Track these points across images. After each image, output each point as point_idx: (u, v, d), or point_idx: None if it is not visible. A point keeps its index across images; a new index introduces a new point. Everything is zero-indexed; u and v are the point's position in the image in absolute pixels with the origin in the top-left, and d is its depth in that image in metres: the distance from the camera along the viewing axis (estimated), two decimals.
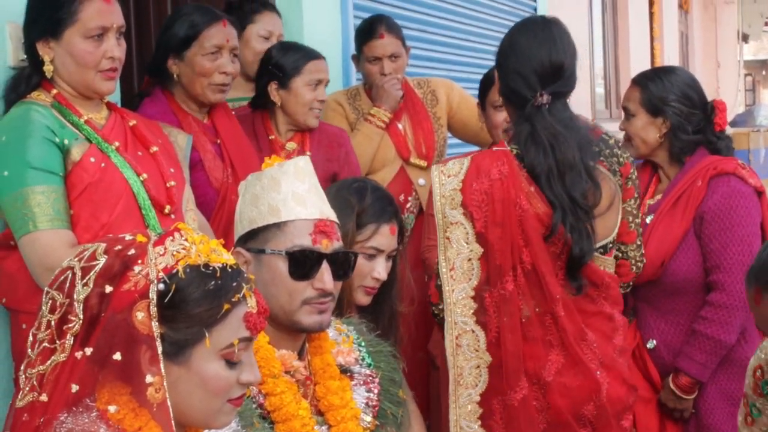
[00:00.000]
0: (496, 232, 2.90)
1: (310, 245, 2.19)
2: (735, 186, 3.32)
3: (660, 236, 3.36)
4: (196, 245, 1.68)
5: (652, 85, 3.44)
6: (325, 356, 2.29)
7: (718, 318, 3.27)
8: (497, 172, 2.92)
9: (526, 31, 3.02)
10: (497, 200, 2.91)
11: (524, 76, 2.95)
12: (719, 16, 18.25)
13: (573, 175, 2.91)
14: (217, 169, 3.38)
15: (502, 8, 6.97)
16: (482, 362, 2.95)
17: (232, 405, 1.73)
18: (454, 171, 2.96)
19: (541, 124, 2.93)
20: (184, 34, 3.39)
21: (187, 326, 1.65)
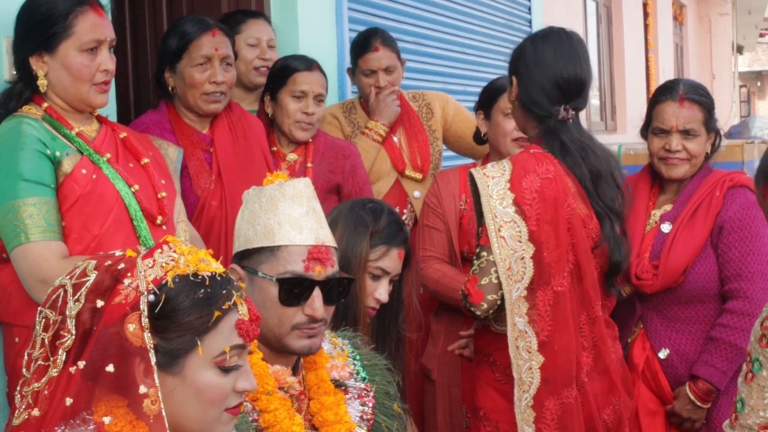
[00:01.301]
0: (547, 230, 2.93)
1: (302, 272, 2.17)
2: (751, 198, 3.33)
3: (682, 245, 3.36)
4: (185, 256, 1.70)
5: (708, 102, 3.44)
6: (319, 371, 2.28)
7: (740, 325, 3.27)
8: (545, 171, 2.95)
9: (552, 44, 3.05)
10: (548, 198, 2.94)
11: (549, 89, 3.00)
12: (714, 28, 18.29)
13: (604, 184, 3.00)
14: (201, 177, 3.38)
15: (498, 21, 6.98)
16: (534, 363, 2.95)
17: (229, 414, 1.73)
18: (497, 173, 2.96)
19: (568, 137, 2.99)
20: (175, 46, 3.41)
21: (179, 335, 1.66)
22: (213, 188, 3.36)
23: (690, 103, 3.41)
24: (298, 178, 2.27)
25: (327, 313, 2.23)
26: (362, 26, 4.66)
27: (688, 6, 16.36)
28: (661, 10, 13.34)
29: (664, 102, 3.45)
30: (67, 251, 2.67)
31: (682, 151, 3.41)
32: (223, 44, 3.43)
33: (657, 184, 3.54)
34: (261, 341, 2.19)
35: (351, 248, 2.72)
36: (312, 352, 2.24)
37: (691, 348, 3.39)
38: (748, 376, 2.11)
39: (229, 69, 3.45)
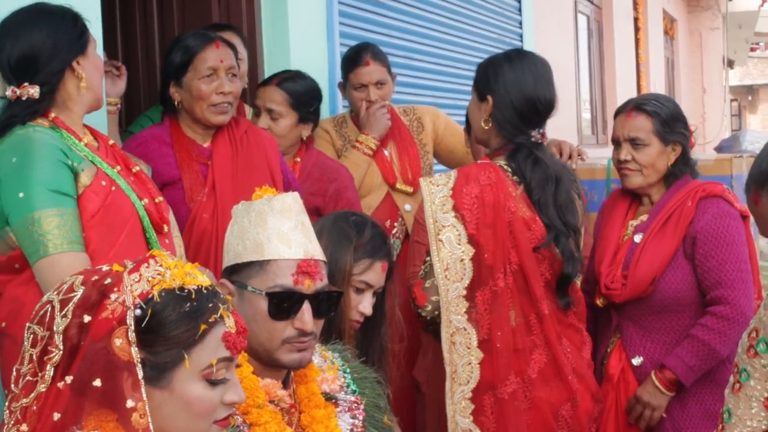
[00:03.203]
0: (487, 233, 3.09)
1: (292, 286, 2.17)
2: (724, 208, 3.36)
3: (651, 255, 3.39)
4: (171, 270, 1.70)
5: (662, 112, 3.44)
6: (309, 385, 2.28)
7: (719, 328, 3.30)
8: (486, 178, 3.13)
9: (530, 68, 3.21)
10: (488, 204, 3.10)
11: (527, 112, 3.17)
12: (704, 43, 18.37)
13: (568, 203, 3.18)
14: (195, 189, 3.38)
15: (489, 36, 7.00)
16: (474, 359, 3.10)
17: (218, 426, 1.74)
18: (442, 181, 3.16)
19: (543, 155, 3.19)
20: (179, 60, 3.41)
21: (166, 349, 1.66)
22: (205, 201, 3.36)
23: (637, 112, 3.47)
24: (286, 193, 2.28)
25: (317, 327, 2.22)
26: (353, 41, 4.67)
27: (678, 20, 16.43)
28: (652, 24, 13.40)
29: (617, 114, 3.57)
30: (91, 263, 2.65)
31: (632, 162, 3.47)
32: (228, 56, 3.44)
33: (638, 197, 3.57)
34: (251, 355, 2.19)
35: (335, 262, 2.71)
36: (302, 365, 2.24)
37: (664, 357, 3.40)
38: (736, 387, 2.12)
39: (234, 80, 3.45)
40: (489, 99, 3.21)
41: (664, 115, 3.43)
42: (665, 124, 3.43)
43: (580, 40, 10.06)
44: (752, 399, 2.08)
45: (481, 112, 3.25)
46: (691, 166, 3.51)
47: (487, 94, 3.22)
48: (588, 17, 10.44)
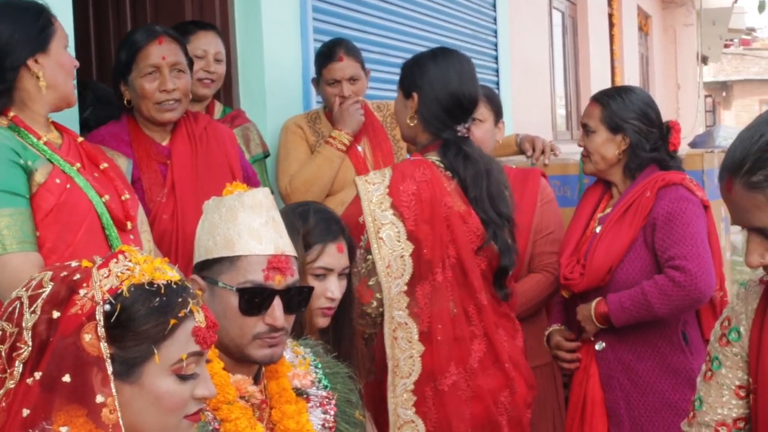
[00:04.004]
0: (425, 229, 3.17)
1: (262, 281, 2.17)
2: (683, 194, 3.40)
3: (607, 244, 3.45)
4: (140, 265, 1.70)
5: (613, 102, 3.51)
6: (281, 380, 2.27)
7: (665, 288, 3.32)
8: (421, 175, 3.20)
9: (454, 65, 3.30)
10: (425, 200, 3.18)
11: (452, 108, 3.25)
12: (679, 39, 18.47)
13: (500, 194, 3.28)
14: (154, 189, 3.36)
15: (464, 32, 7.01)
16: (415, 352, 3.19)
17: (189, 421, 1.73)
18: (378, 179, 3.23)
19: (471, 150, 3.28)
20: (125, 58, 3.39)
21: (135, 344, 1.66)
22: (165, 201, 3.33)
23: (592, 101, 3.60)
24: (257, 188, 2.28)
25: (288, 322, 2.22)
26: (327, 36, 4.67)
27: (653, 17, 16.51)
28: (627, 20, 13.45)
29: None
30: (43, 262, 2.65)
31: (585, 148, 3.58)
32: (171, 51, 3.39)
33: (609, 191, 3.63)
34: (222, 351, 2.19)
35: None
36: (273, 361, 2.24)
37: (624, 345, 3.47)
38: (707, 375, 2.14)
39: (181, 75, 3.39)
40: (414, 96, 3.28)
41: (613, 105, 3.50)
42: (613, 114, 3.49)
43: (555, 36, 10.09)
44: (723, 387, 2.10)
45: (406, 110, 3.32)
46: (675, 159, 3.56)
47: (412, 92, 3.30)
48: (563, 13, 10.47)
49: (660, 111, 3.63)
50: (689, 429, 2.16)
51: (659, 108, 3.65)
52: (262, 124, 4.25)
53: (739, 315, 2.09)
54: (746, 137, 1.91)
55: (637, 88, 3.66)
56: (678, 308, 3.35)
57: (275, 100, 4.53)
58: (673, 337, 3.42)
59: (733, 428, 2.10)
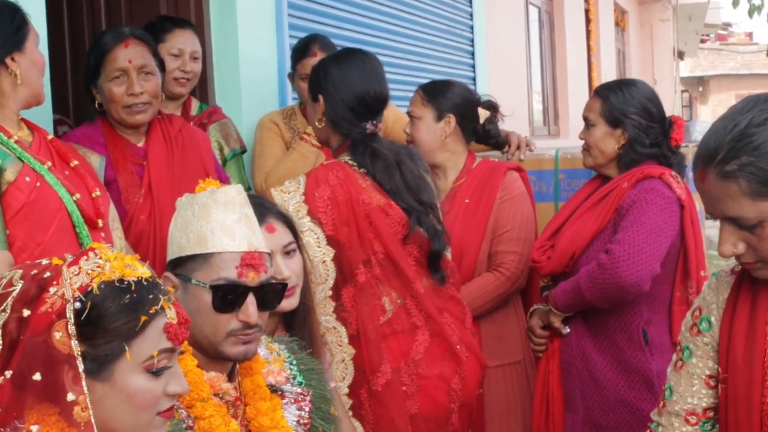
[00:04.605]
0: (345, 231, 3.20)
1: (236, 278, 2.17)
2: (656, 187, 3.37)
3: (575, 231, 3.47)
4: (111, 262, 1.70)
5: (614, 96, 3.49)
6: (255, 377, 2.27)
7: (591, 274, 3.35)
8: (335, 178, 3.23)
9: (356, 65, 3.35)
10: (341, 202, 3.21)
11: (357, 107, 3.31)
12: (655, 34, 18.53)
13: (417, 182, 3.31)
14: (131, 190, 3.35)
15: (440, 27, 7.02)
16: (346, 355, 3.20)
17: (162, 418, 1.73)
18: (293, 188, 3.23)
19: (379, 145, 3.32)
20: (93, 62, 3.38)
21: (106, 341, 1.66)
22: (142, 202, 3.33)
23: (594, 94, 3.59)
24: (230, 185, 2.27)
25: (261, 319, 2.22)
26: (302, 33, 4.66)
27: (629, 12, 16.56)
28: (603, 16, 13.49)
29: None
30: (13, 260, 2.64)
31: (585, 142, 3.57)
32: (138, 54, 3.37)
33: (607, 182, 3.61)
34: (196, 348, 2.19)
35: None
36: (248, 358, 2.23)
37: (586, 335, 3.49)
38: (678, 364, 2.15)
39: (149, 78, 3.37)
40: (320, 99, 3.34)
41: (613, 99, 3.48)
42: (613, 108, 3.47)
43: (532, 32, 10.10)
44: (694, 377, 2.11)
45: (315, 113, 3.38)
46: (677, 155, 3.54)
47: (318, 95, 3.35)
48: (539, 9, 10.49)
49: (662, 106, 3.58)
50: (659, 418, 2.17)
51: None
52: (237, 121, 4.24)
53: (711, 305, 2.11)
54: (720, 127, 1.92)
55: (639, 82, 3.61)
56: (604, 294, 3.33)
57: (250, 96, 4.52)
58: (633, 334, 3.40)
59: (702, 417, 2.11)
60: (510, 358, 3.72)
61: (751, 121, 1.87)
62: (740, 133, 1.87)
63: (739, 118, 1.90)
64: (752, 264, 1.95)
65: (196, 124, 4.03)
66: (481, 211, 3.72)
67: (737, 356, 2.00)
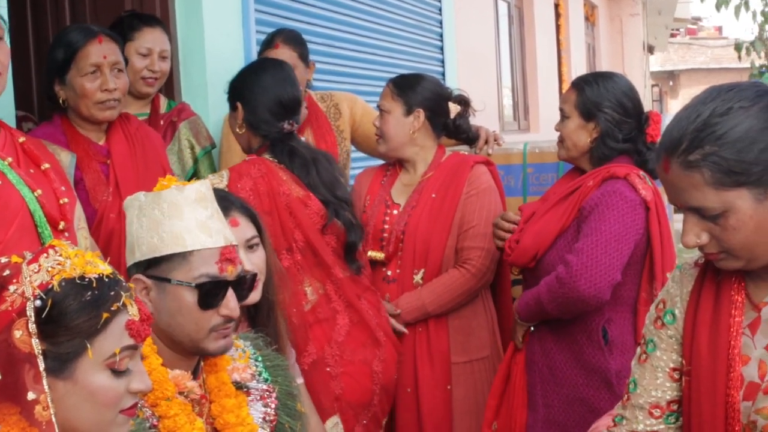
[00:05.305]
0: (266, 220, 3.23)
1: (218, 274, 2.17)
2: (620, 189, 3.33)
3: (538, 229, 3.45)
4: (71, 259, 1.68)
5: (589, 89, 3.46)
6: (220, 374, 2.26)
7: (550, 285, 3.34)
8: (257, 171, 3.42)
9: (270, 72, 3.59)
10: (263, 193, 3.38)
11: (274, 109, 3.53)
12: (625, 28, 18.60)
13: (333, 179, 3.52)
14: (98, 189, 3.34)
15: (409, 23, 7.01)
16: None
17: (124, 416, 1.72)
18: (216, 180, 3.41)
19: (297, 144, 3.56)
20: (62, 57, 3.35)
21: (67, 339, 1.65)
22: (111, 200, 3.31)
23: (571, 86, 3.57)
24: (198, 181, 2.26)
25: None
26: (270, 28, 4.64)
27: (599, 6, 16.61)
28: (573, 10, 13.52)
29: None
30: None
31: (560, 134, 3.54)
32: (111, 51, 3.38)
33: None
34: (171, 347, 2.18)
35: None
36: (227, 351, 2.25)
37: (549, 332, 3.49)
38: (642, 357, 2.15)
39: (120, 75, 3.39)
40: (239, 106, 3.56)
41: (588, 92, 3.45)
42: (587, 100, 3.44)
43: (501, 27, 10.11)
44: (658, 369, 2.11)
45: (235, 120, 3.58)
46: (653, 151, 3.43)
47: (236, 102, 3.57)
48: (509, 3, 10.50)
49: (641, 101, 3.55)
50: (623, 411, 2.17)
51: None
52: (204, 117, 4.22)
53: (674, 298, 2.11)
54: (683, 117, 1.92)
55: (617, 76, 3.58)
56: (565, 307, 3.31)
57: (217, 92, 4.47)
58: (592, 333, 3.38)
59: (666, 410, 2.11)
60: (478, 353, 3.73)
61: (714, 111, 1.87)
62: (703, 123, 1.87)
63: (702, 108, 1.90)
64: (716, 255, 1.95)
65: (166, 122, 4.02)
66: (447, 206, 3.72)
67: (701, 348, 2.00)
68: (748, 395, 1.94)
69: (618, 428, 2.17)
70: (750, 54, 12.03)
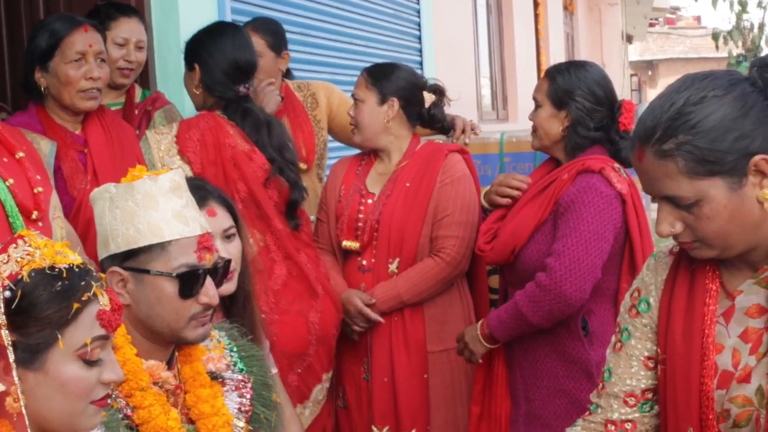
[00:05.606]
0: (212, 170, 3.49)
1: (196, 263, 2.17)
2: (595, 184, 3.30)
3: (516, 225, 3.42)
4: (41, 249, 1.67)
5: (560, 78, 3.45)
6: (195, 364, 2.26)
7: (533, 295, 3.30)
8: (205, 123, 3.56)
9: (228, 36, 3.69)
10: (209, 144, 3.52)
11: (230, 72, 3.63)
12: (604, 18, 18.63)
13: (282, 142, 3.67)
14: (76, 177, 3.33)
15: (386, 12, 7.00)
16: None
17: (96, 406, 1.71)
18: (166, 130, 3.58)
19: (251, 106, 3.67)
20: (46, 45, 3.34)
21: (38, 330, 1.64)
22: (89, 189, 3.29)
23: (544, 75, 3.56)
24: (170, 171, 2.24)
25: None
26: (245, 17, 4.63)
27: None
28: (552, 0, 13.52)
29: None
30: None
31: (533, 123, 3.52)
32: (96, 40, 3.39)
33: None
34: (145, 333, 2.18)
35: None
36: (205, 338, 2.25)
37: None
38: (617, 346, 2.15)
39: (103, 65, 3.41)
40: (196, 67, 3.66)
41: (560, 80, 3.44)
42: (558, 89, 3.43)
43: (479, 16, 10.10)
44: (632, 358, 2.11)
45: (192, 81, 3.69)
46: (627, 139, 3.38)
47: (194, 63, 3.67)
48: None
49: (614, 90, 3.52)
50: (598, 400, 2.17)
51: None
52: (179, 106, 4.20)
53: (649, 286, 2.11)
54: (657, 106, 1.91)
55: (590, 65, 3.55)
56: (551, 314, 3.29)
57: None
58: (571, 325, 3.35)
59: (641, 399, 2.11)
60: (454, 342, 3.73)
61: (687, 100, 1.87)
62: (677, 112, 1.87)
63: (675, 96, 1.89)
64: (690, 243, 1.95)
65: (141, 112, 4.01)
66: (422, 195, 3.72)
67: (676, 337, 2.00)
68: (721, 384, 1.94)
69: (593, 417, 2.17)
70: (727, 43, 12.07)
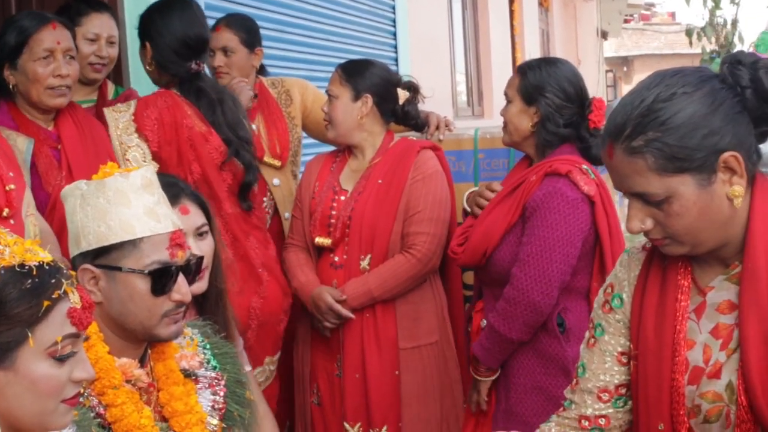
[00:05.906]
0: (168, 149, 3.55)
1: (169, 260, 2.16)
2: (561, 188, 3.28)
3: (487, 226, 3.41)
4: (10, 247, 1.66)
5: (531, 73, 3.44)
6: (168, 362, 2.25)
7: (503, 311, 3.30)
8: (163, 102, 3.59)
9: (177, 11, 3.69)
10: (167, 123, 3.56)
11: (180, 49, 3.65)
12: (579, 14, 18.67)
13: (236, 119, 3.71)
14: (51, 173, 3.32)
15: (362, 8, 7.00)
16: None
17: (67, 405, 1.70)
18: (124, 108, 3.59)
19: (204, 83, 3.70)
20: (14, 42, 3.34)
21: (8, 328, 1.62)
22: (64, 184, 3.27)
23: (515, 71, 3.54)
24: (142, 167, 2.23)
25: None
26: (219, 13, 4.59)
27: None
28: None
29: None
30: None
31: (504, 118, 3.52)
32: (65, 37, 3.38)
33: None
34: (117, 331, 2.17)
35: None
36: (178, 336, 2.24)
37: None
38: (591, 342, 2.16)
39: (72, 62, 3.39)
40: (147, 45, 3.70)
41: (530, 76, 3.44)
42: (529, 85, 3.42)
43: (455, 12, 10.10)
44: (606, 354, 2.12)
45: (145, 58, 3.72)
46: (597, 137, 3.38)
47: (145, 41, 3.71)
48: None
49: (585, 87, 3.51)
50: (572, 396, 2.18)
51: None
52: None
53: (622, 282, 2.12)
54: (627, 102, 1.92)
55: (561, 61, 3.55)
56: (526, 325, 3.28)
57: None
58: (547, 322, 3.33)
59: (615, 394, 2.12)
60: (426, 339, 3.73)
61: (657, 97, 1.87)
62: (647, 108, 1.87)
63: (645, 93, 1.90)
64: (660, 240, 1.96)
65: None
66: (393, 192, 3.72)
67: (648, 333, 2.01)
68: (692, 379, 1.95)
69: (567, 412, 2.18)
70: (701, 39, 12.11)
